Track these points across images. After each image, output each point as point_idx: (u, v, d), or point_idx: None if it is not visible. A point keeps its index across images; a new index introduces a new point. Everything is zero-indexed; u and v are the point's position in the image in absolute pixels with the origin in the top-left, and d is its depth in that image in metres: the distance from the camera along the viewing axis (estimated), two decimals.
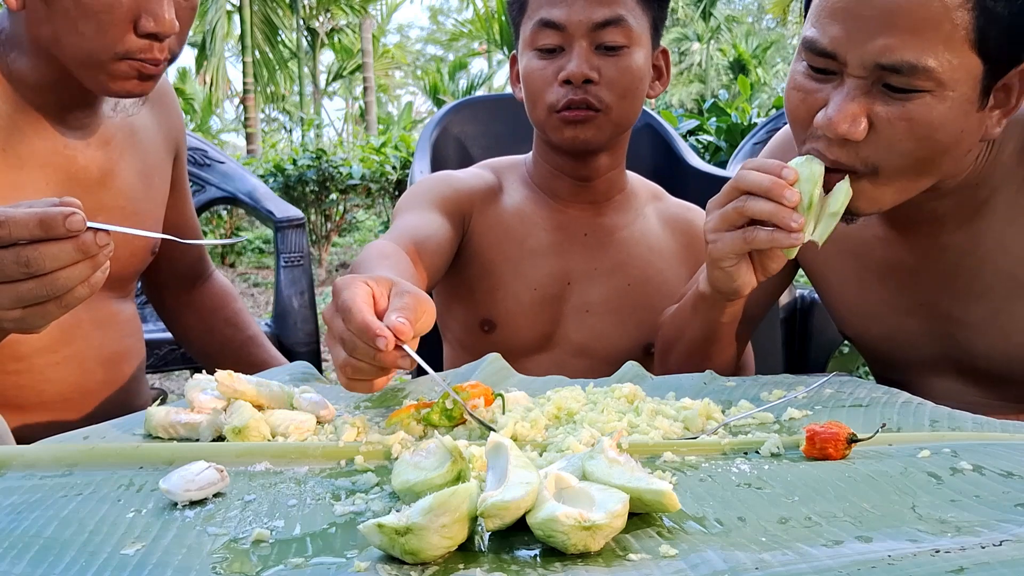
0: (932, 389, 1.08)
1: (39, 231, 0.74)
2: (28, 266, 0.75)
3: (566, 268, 1.31)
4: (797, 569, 0.51)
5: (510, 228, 1.31)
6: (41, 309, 0.79)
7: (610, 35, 1.19)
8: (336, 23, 22.36)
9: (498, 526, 0.56)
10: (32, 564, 0.55)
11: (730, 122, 4.18)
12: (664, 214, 1.37)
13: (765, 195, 0.89)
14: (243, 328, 1.46)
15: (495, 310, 1.29)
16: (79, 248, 0.75)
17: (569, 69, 1.18)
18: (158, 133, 1.27)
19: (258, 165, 7.93)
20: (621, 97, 1.21)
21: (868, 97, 0.88)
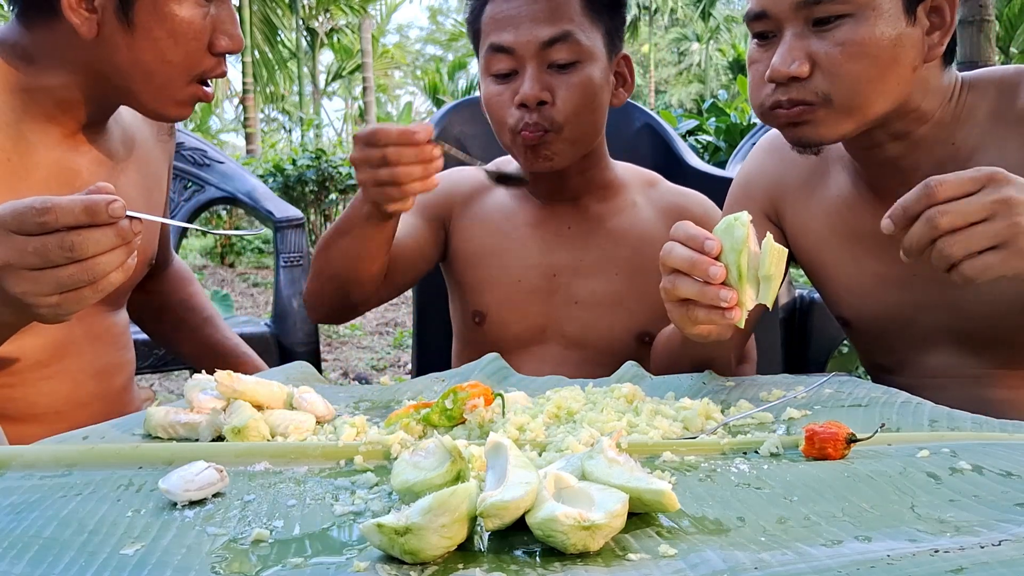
0: (927, 366, 1.09)
1: (84, 217, 0.77)
2: (72, 251, 0.78)
3: (551, 261, 1.32)
4: (796, 569, 0.51)
5: (494, 222, 1.34)
6: (77, 295, 0.82)
7: (559, 53, 1.19)
8: (335, 23, 22.36)
9: (497, 526, 0.56)
10: (32, 564, 0.55)
11: (729, 122, 4.19)
12: (657, 201, 1.37)
13: (690, 272, 0.87)
14: (199, 310, 1.47)
15: (483, 302, 1.32)
16: (119, 234, 0.79)
17: (522, 92, 1.19)
18: (155, 145, 1.28)
19: (257, 165, 7.93)
20: (576, 114, 1.21)
21: (803, 40, 0.97)
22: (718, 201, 1.37)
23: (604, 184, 1.35)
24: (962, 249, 0.80)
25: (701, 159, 1.86)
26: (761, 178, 1.21)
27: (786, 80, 0.98)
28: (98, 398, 1.19)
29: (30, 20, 1.05)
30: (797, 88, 0.98)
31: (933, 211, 0.80)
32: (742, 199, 1.23)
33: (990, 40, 3.68)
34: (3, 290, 0.82)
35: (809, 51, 0.97)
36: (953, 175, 0.82)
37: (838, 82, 0.97)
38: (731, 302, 0.84)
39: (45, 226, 0.78)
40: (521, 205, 1.35)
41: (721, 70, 30.96)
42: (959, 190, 0.80)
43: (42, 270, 0.80)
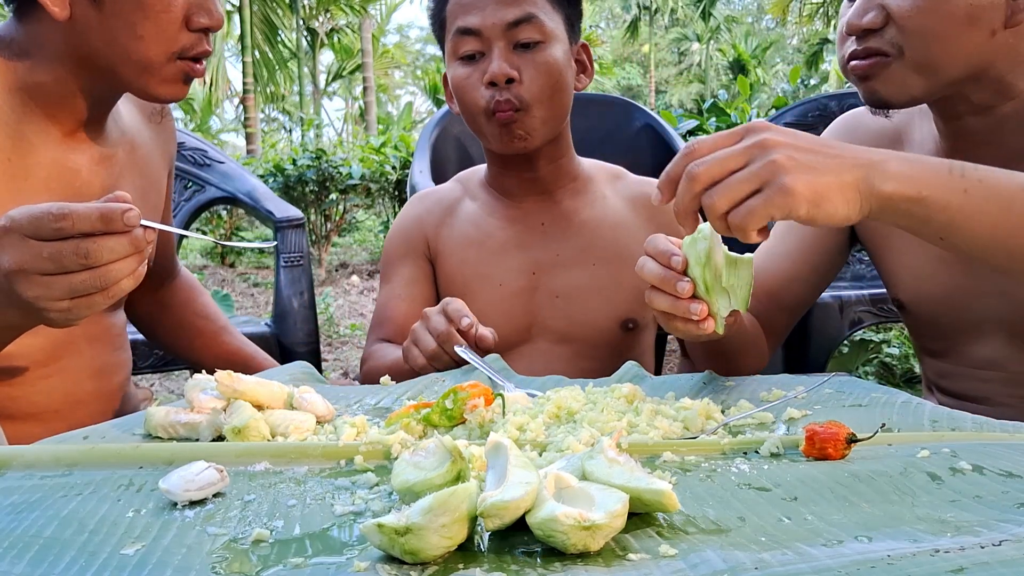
0: (976, 356, 1.09)
1: (100, 224, 0.79)
2: (87, 258, 0.79)
3: (529, 259, 1.34)
4: (796, 569, 0.51)
5: (468, 235, 1.37)
6: (88, 300, 0.83)
7: (525, 32, 1.24)
8: (336, 23, 22.36)
9: (498, 526, 0.56)
10: (32, 564, 0.55)
11: (729, 122, 4.19)
12: (624, 192, 1.39)
13: (661, 288, 0.88)
14: (214, 319, 1.48)
15: None
16: (132, 242, 0.81)
17: (491, 70, 1.23)
18: (156, 149, 1.27)
19: (258, 165, 7.92)
20: (543, 92, 1.25)
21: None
22: None
23: (573, 177, 1.37)
24: (725, 199, 0.78)
25: None
26: None
27: (861, 32, 0.99)
28: (96, 397, 1.19)
29: (22, 14, 1.05)
30: (873, 39, 0.99)
31: (691, 165, 0.80)
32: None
33: None
34: (15, 294, 0.82)
35: (883, 3, 0.98)
36: (711, 135, 0.82)
37: (910, 35, 0.97)
38: (701, 315, 0.86)
39: (61, 232, 0.79)
40: (494, 209, 1.38)
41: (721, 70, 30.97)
42: (716, 145, 0.80)
43: (55, 275, 0.80)
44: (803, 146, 0.79)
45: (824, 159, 0.79)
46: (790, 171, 0.77)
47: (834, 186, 0.79)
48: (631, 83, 34.78)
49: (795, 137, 0.80)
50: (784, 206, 0.77)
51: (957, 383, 1.04)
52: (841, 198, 0.79)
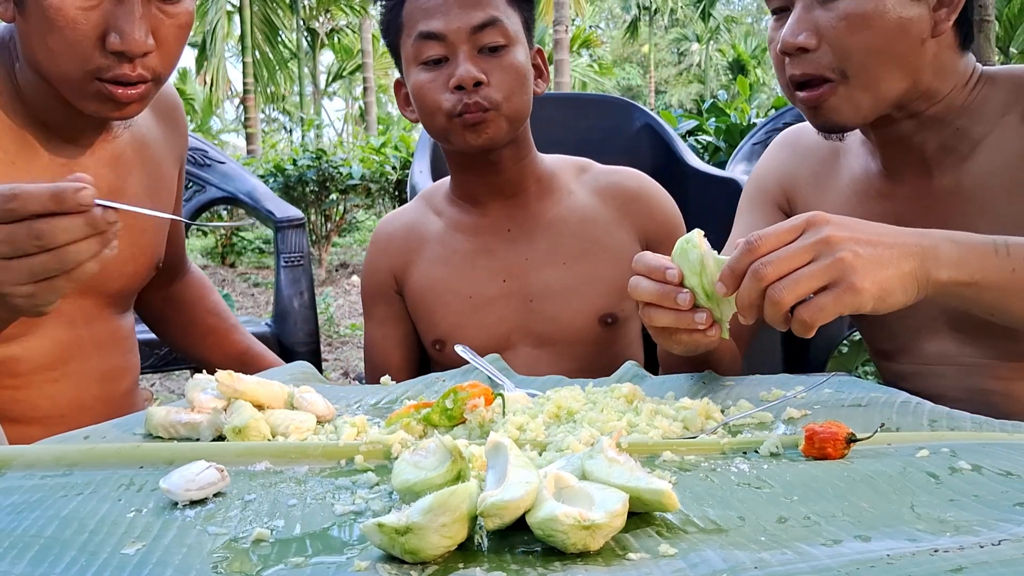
0: (926, 353, 1.10)
1: (51, 204, 0.76)
2: (40, 239, 0.77)
3: (498, 266, 1.33)
4: (796, 568, 0.51)
5: (435, 254, 1.35)
6: (50, 284, 0.80)
7: (489, 36, 1.23)
8: (336, 23, 22.37)
9: (498, 525, 0.56)
10: (32, 564, 0.55)
11: (729, 122, 4.18)
12: (592, 184, 1.37)
13: (660, 304, 0.87)
14: (225, 317, 1.47)
15: (440, 330, 1.33)
16: (89, 223, 0.78)
17: (459, 74, 1.21)
18: (165, 146, 1.26)
19: (258, 165, 7.93)
20: (511, 93, 1.24)
21: (810, 13, 1.00)
22: (719, 201, 1.37)
23: (537, 176, 1.35)
24: (791, 295, 0.79)
25: (701, 159, 1.87)
26: (774, 173, 1.24)
27: (795, 51, 1.00)
28: (102, 402, 1.18)
29: (10, 18, 1.04)
30: (809, 61, 1.00)
31: (757, 264, 0.80)
32: (756, 194, 1.25)
33: (990, 40, 3.68)
34: None
35: (815, 23, 0.99)
36: (772, 227, 0.82)
37: (846, 54, 0.98)
38: (707, 323, 0.85)
39: (13, 213, 0.77)
40: (459, 221, 1.36)
41: (721, 70, 30.97)
42: (779, 240, 0.81)
43: (13, 259, 0.78)
44: (863, 238, 0.81)
45: (884, 251, 0.82)
46: (857, 270, 0.79)
47: (895, 279, 0.82)
48: (631, 83, 34.78)
49: (854, 229, 0.82)
50: (852, 304, 0.80)
51: (915, 383, 1.05)
52: (902, 289, 0.82)
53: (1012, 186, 1.02)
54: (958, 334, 1.08)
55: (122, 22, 0.97)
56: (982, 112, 1.05)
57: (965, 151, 1.05)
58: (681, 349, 0.93)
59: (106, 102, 1.02)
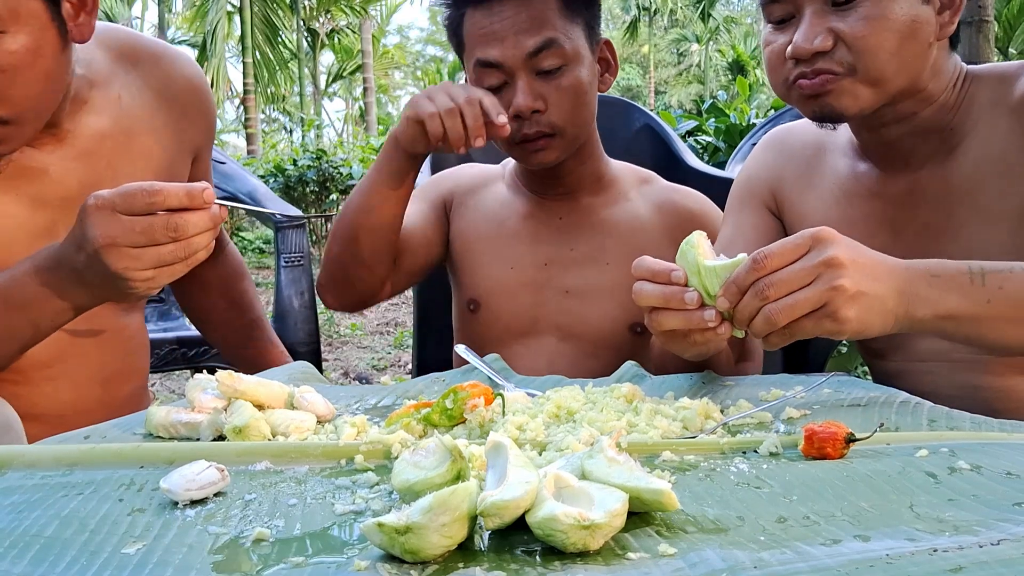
0: (917, 350, 1.11)
1: (187, 200, 0.89)
2: (176, 231, 0.89)
3: (543, 251, 1.34)
4: (795, 568, 0.51)
5: (489, 212, 1.38)
6: (171, 269, 0.92)
7: (546, 60, 1.21)
8: (336, 24, 22.37)
9: (498, 525, 0.56)
10: (33, 563, 0.55)
11: (729, 123, 4.18)
12: (651, 197, 1.38)
13: (666, 306, 0.87)
14: (246, 310, 1.45)
15: (478, 290, 1.35)
16: (212, 218, 0.91)
17: (515, 105, 1.21)
18: (168, 134, 1.22)
19: (258, 166, 7.93)
20: (571, 114, 1.24)
21: (824, 18, 1.00)
22: (717, 202, 1.37)
23: (597, 177, 1.37)
24: (786, 317, 0.80)
25: (701, 159, 1.87)
26: (761, 173, 1.24)
27: (809, 56, 1.00)
28: (104, 405, 1.17)
29: None
30: (821, 61, 1.00)
31: (761, 283, 0.81)
32: (743, 195, 1.25)
33: (989, 41, 3.68)
34: (103, 266, 0.90)
35: (831, 27, 0.99)
36: (778, 243, 0.83)
37: (862, 54, 0.99)
38: (717, 320, 0.85)
39: (153, 206, 0.89)
40: (516, 197, 1.39)
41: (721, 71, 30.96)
42: (784, 259, 0.82)
43: (144, 248, 0.89)
44: (863, 263, 0.82)
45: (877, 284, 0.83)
46: (848, 301, 0.81)
47: (878, 315, 0.83)
48: (630, 84, 34.77)
49: (857, 252, 0.82)
50: (831, 331, 0.82)
51: (906, 380, 1.05)
52: (881, 324, 0.84)
53: (1000, 182, 1.03)
54: None
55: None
56: (969, 110, 1.06)
57: (952, 149, 1.06)
58: (694, 352, 0.93)
59: None
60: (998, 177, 1.03)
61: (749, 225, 1.22)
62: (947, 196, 1.06)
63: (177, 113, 1.23)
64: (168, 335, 2.03)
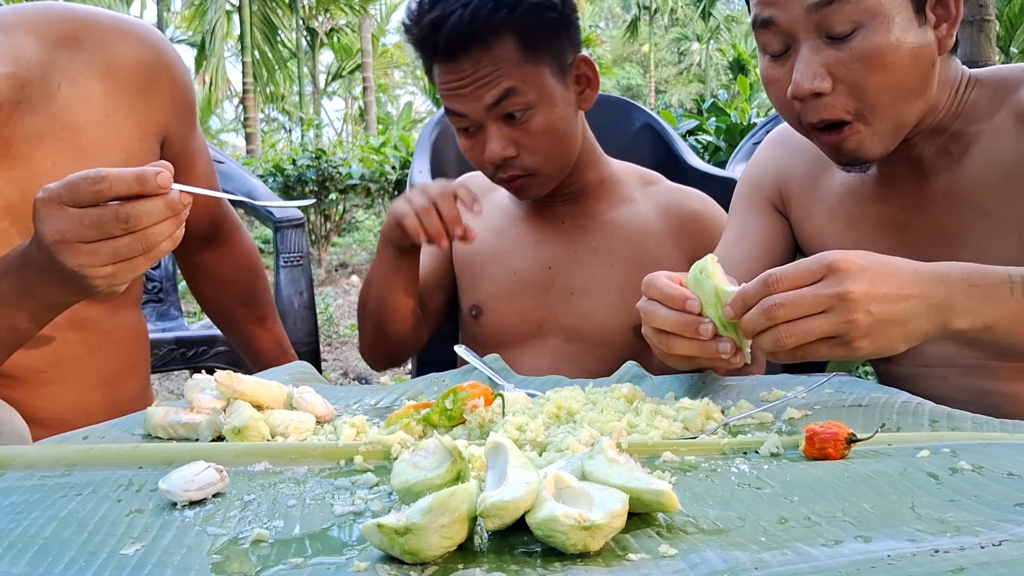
0: (925, 355, 1.10)
1: (136, 186, 0.80)
2: (128, 222, 0.81)
3: (546, 254, 1.35)
4: (796, 569, 0.51)
5: (491, 221, 1.38)
6: (131, 264, 0.85)
7: (510, 106, 1.21)
8: (335, 23, 22.36)
9: (498, 526, 0.56)
10: (31, 564, 0.55)
11: (729, 122, 4.18)
12: (655, 198, 1.38)
13: (681, 334, 0.87)
14: (255, 306, 1.44)
15: (480, 296, 1.36)
16: (169, 205, 0.82)
17: (487, 153, 1.23)
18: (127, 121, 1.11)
19: (257, 165, 7.93)
20: (546, 156, 1.25)
21: (820, 55, 0.97)
22: (719, 201, 1.37)
23: (599, 181, 1.37)
24: (795, 340, 0.80)
25: (701, 159, 1.86)
26: (768, 170, 1.24)
27: (809, 96, 0.98)
28: (106, 406, 1.15)
29: None
30: (824, 105, 0.98)
31: (770, 301, 0.81)
32: (749, 192, 1.25)
33: (990, 40, 3.68)
34: (58, 264, 0.84)
35: (827, 64, 0.96)
36: (792, 266, 0.82)
37: (862, 95, 0.97)
38: (732, 351, 0.85)
39: (99, 195, 0.81)
40: (518, 203, 1.40)
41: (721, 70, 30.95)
42: (796, 283, 0.81)
43: (98, 242, 0.82)
44: (881, 294, 0.80)
45: (900, 307, 0.81)
46: (865, 335, 0.80)
47: (899, 338, 0.82)
48: (631, 83, 34.78)
49: (874, 282, 0.81)
50: (846, 356, 0.82)
51: (915, 385, 1.05)
52: (903, 342, 0.83)
53: (1006, 186, 1.02)
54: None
55: None
56: (974, 115, 1.05)
57: (959, 154, 1.05)
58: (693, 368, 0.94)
59: None
60: (1005, 183, 1.02)
61: (755, 225, 1.22)
62: (954, 201, 1.06)
63: (131, 95, 1.11)
64: (167, 335, 2.03)
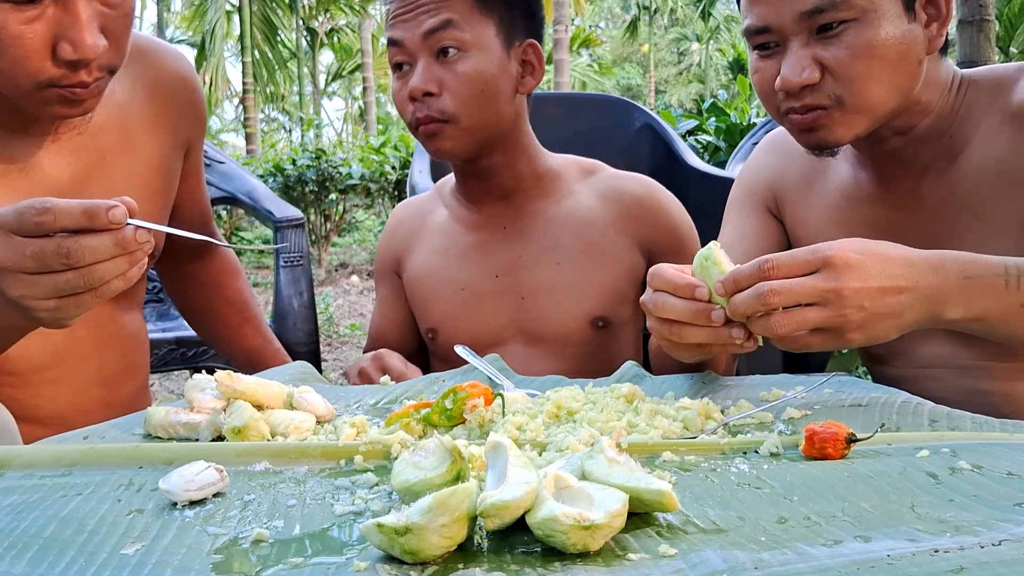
0: (921, 357, 1.10)
1: (83, 220, 0.75)
2: (68, 257, 0.77)
3: (491, 263, 1.33)
4: (796, 569, 0.51)
5: (435, 244, 1.38)
6: (76, 300, 0.80)
7: (442, 40, 1.22)
8: (335, 23, 22.36)
9: (497, 526, 0.56)
10: (31, 564, 0.55)
11: (729, 122, 4.18)
12: (597, 187, 1.36)
13: (692, 322, 0.87)
14: (241, 308, 1.44)
15: (433, 318, 1.35)
16: (118, 243, 0.77)
17: (410, 85, 1.22)
18: (161, 129, 1.21)
19: (258, 165, 7.93)
20: (467, 103, 1.23)
21: (810, 48, 0.99)
22: (719, 201, 1.37)
23: (538, 176, 1.34)
24: (786, 329, 0.81)
25: (701, 159, 1.87)
26: (762, 173, 1.24)
27: (798, 89, 1.00)
28: (105, 405, 1.16)
29: None
30: (810, 93, 1.00)
31: (765, 287, 0.81)
32: (744, 195, 1.25)
33: (990, 40, 3.68)
34: (2, 292, 0.81)
35: (817, 57, 0.98)
36: (788, 254, 0.83)
37: (849, 84, 0.98)
38: (743, 336, 0.86)
39: (43, 226, 0.77)
40: (459, 215, 1.37)
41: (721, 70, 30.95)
42: (792, 271, 0.82)
43: (40, 274, 0.78)
44: (875, 287, 0.82)
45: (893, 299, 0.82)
46: (857, 328, 0.82)
47: (891, 328, 0.84)
48: (630, 83, 34.77)
49: (867, 277, 0.81)
50: (837, 346, 0.84)
51: (911, 387, 1.05)
52: (896, 331, 0.85)
53: (1001, 187, 1.02)
54: (953, 336, 1.08)
55: (71, 31, 0.93)
56: (968, 116, 1.05)
57: (953, 155, 1.05)
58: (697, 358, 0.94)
59: (65, 105, 0.99)
60: (1001, 185, 1.02)
61: (749, 227, 1.22)
62: (950, 203, 1.06)
63: (168, 108, 1.21)
64: (167, 335, 2.03)
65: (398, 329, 1.42)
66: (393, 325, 1.43)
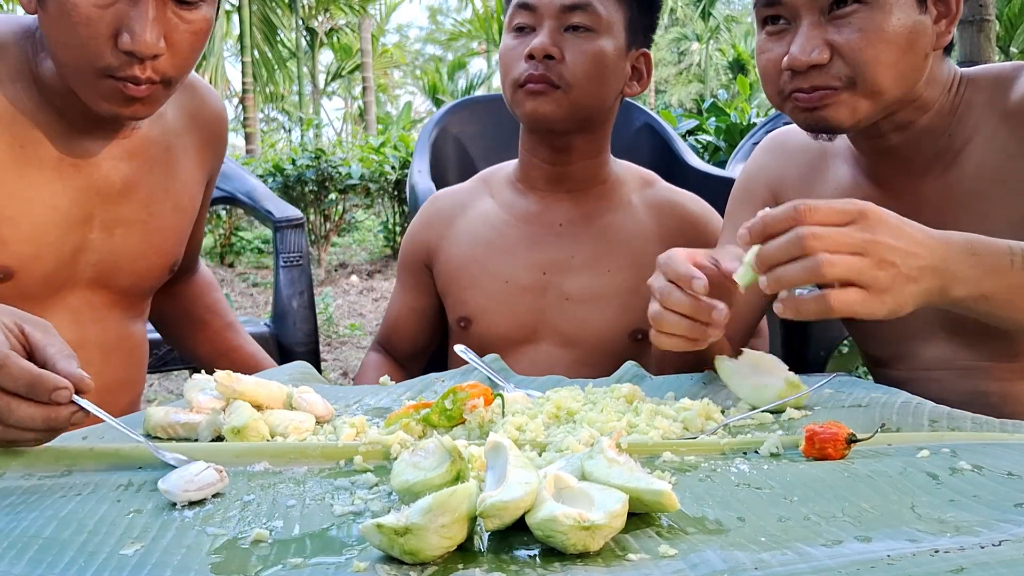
0: (922, 358, 1.10)
1: (24, 390, 0.73)
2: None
3: (540, 259, 1.33)
4: (796, 569, 0.51)
5: (477, 233, 1.37)
6: None
7: (577, 18, 1.24)
8: (335, 23, 22.36)
9: (497, 526, 0.56)
10: (31, 564, 0.55)
11: (729, 122, 4.18)
12: (651, 200, 1.37)
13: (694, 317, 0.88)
14: (222, 315, 1.47)
15: (468, 307, 1.34)
16: (48, 419, 0.73)
17: (533, 44, 1.23)
18: (195, 157, 1.26)
19: (257, 165, 7.93)
20: (584, 77, 1.24)
21: (820, 29, 0.98)
22: (719, 201, 1.37)
23: (603, 179, 1.36)
24: (836, 272, 0.78)
25: (701, 159, 1.86)
26: (761, 175, 1.24)
27: (806, 68, 0.99)
28: None
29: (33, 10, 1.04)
30: (817, 74, 0.99)
31: (805, 230, 0.78)
32: (743, 196, 1.25)
33: (990, 40, 3.68)
34: None
35: (827, 38, 0.98)
36: (823, 201, 0.81)
37: (860, 66, 0.98)
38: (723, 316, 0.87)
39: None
40: (512, 206, 1.37)
41: (721, 70, 30.96)
42: (828, 219, 0.80)
43: None
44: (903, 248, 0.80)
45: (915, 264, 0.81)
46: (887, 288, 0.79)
47: (914, 296, 0.82)
48: None
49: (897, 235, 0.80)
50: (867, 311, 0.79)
51: (912, 388, 1.05)
52: (913, 303, 0.82)
53: (1001, 185, 1.02)
54: (954, 338, 1.08)
55: (134, 23, 0.98)
56: (967, 115, 1.05)
57: (953, 155, 1.05)
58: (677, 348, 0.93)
59: (115, 100, 1.02)
60: (1000, 184, 1.02)
61: None
62: (949, 203, 1.06)
63: (203, 139, 1.28)
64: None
65: (417, 319, 1.43)
66: (413, 314, 1.44)
